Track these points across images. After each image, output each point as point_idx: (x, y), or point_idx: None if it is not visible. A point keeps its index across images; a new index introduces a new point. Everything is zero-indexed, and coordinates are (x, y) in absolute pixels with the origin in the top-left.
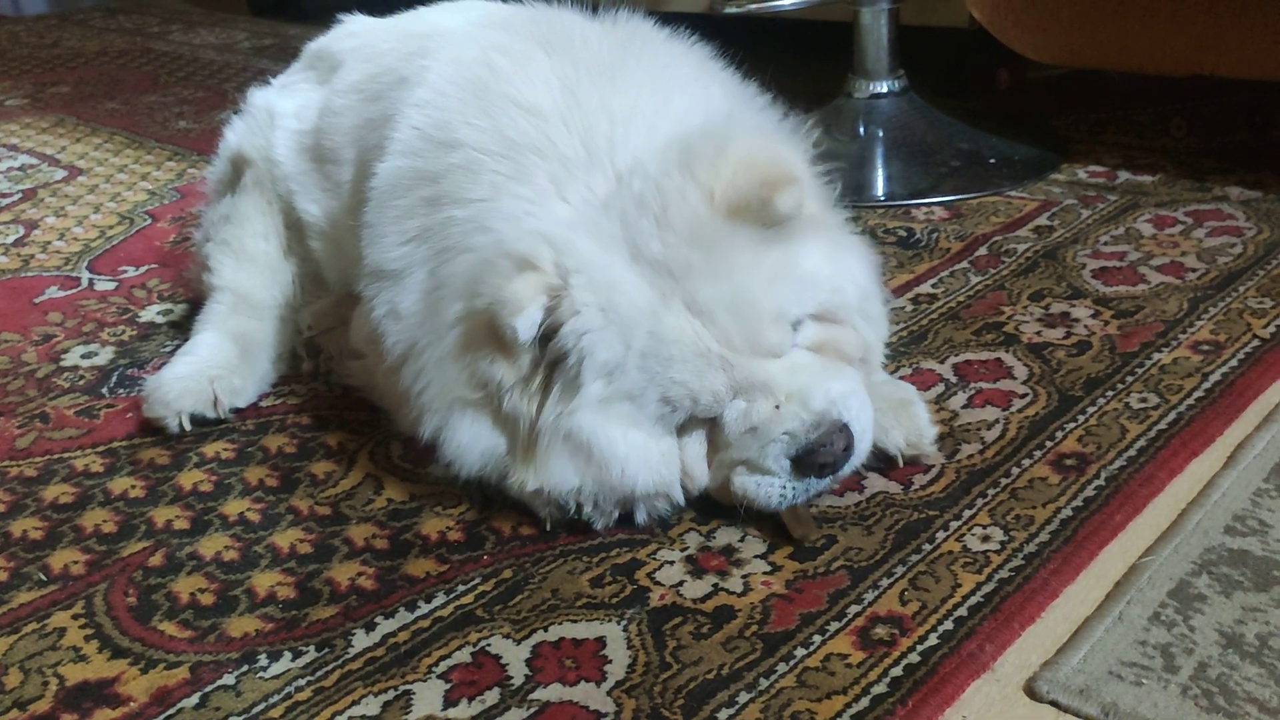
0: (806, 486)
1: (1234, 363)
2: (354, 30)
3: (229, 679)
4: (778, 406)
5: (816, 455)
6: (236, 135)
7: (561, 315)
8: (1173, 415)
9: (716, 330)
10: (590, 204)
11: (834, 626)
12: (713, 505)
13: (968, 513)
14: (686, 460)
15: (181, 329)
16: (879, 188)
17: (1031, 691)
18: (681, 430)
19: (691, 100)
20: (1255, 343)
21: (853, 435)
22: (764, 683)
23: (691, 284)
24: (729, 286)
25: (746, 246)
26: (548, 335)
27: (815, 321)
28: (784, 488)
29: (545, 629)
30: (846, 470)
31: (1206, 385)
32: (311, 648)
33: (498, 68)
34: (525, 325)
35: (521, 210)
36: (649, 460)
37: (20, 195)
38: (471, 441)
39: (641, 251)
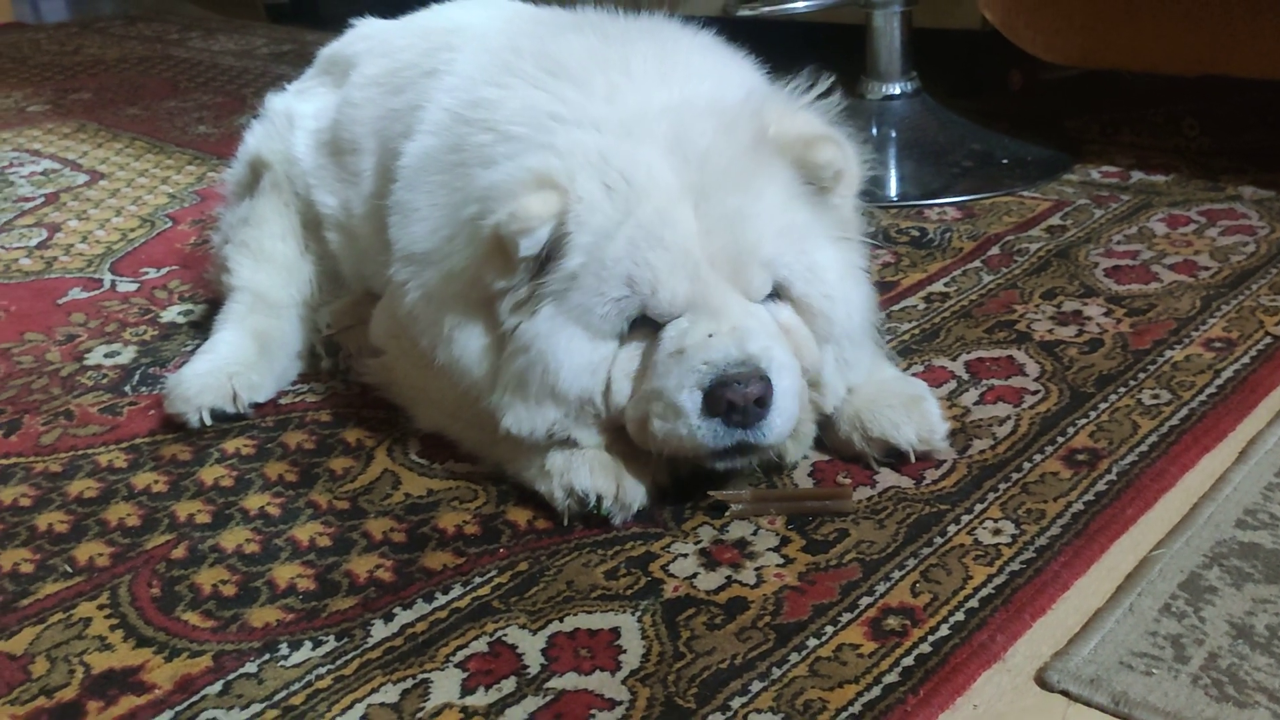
0: (714, 431)
1: (1246, 359)
2: (367, 33)
3: (251, 667)
4: (711, 335)
5: (728, 389)
6: (255, 139)
7: (566, 226)
8: (1185, 411)
9: (708, 244)
10: (643, 107)
11: (846, 617)
12: (714, 502)
13: (979, 507)
14: (614, 372)
15: (202, 329)
16: (892, 188)
17: (1043, 681)
18: (623, 340)
19: (736, 74)
20: (1267, 340)
21: (772, 392)
22: (776, 672)
23: (715, 187)
24: (746, 208)
25: (781, 191)
26: (549, 255)
27: (791, 307)
28: (694, 426)
29: (561, 619)
30: (759, 436)
31: (1219, 382)
32: (331, 637)
33: (523, 47)
34: (529, 244)
35: (553, 111)
36: (579, 365)
37: (43, 199)
38: (469, 341)
39: (683, 143)
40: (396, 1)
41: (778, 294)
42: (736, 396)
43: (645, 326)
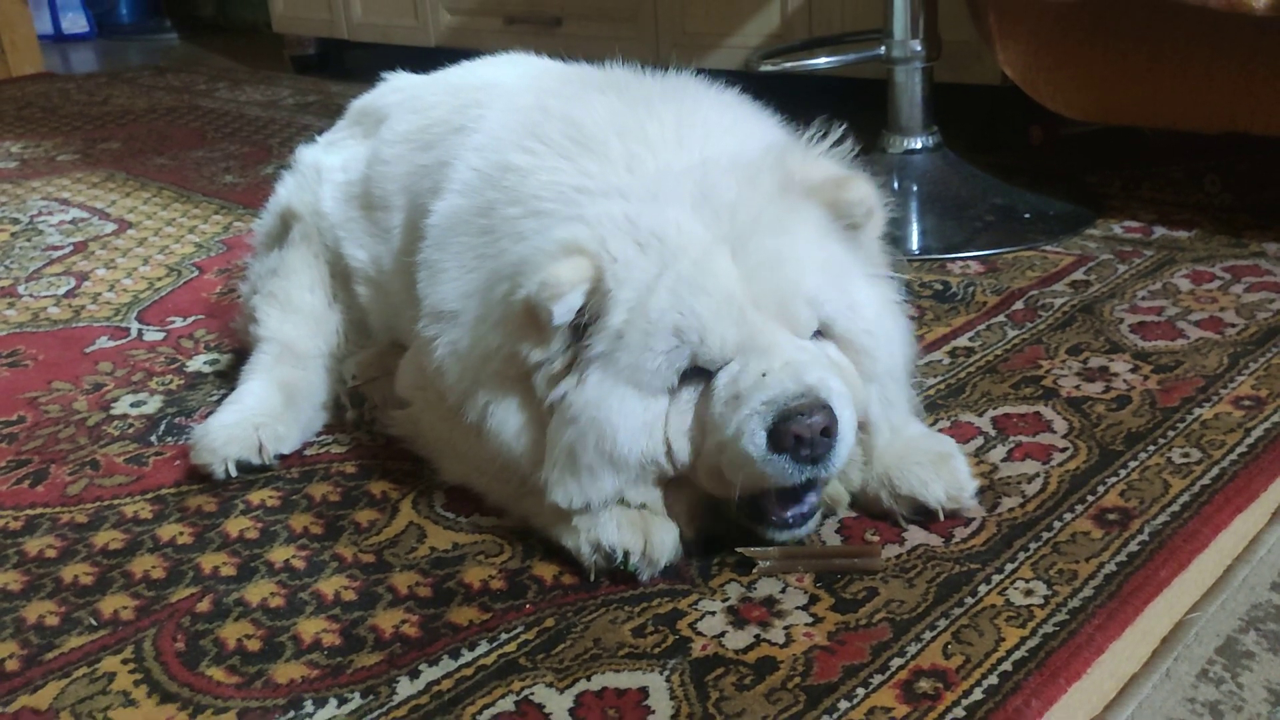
0: (783, 469)
1: (1277, 418)
2: (398, 86)
3: None
4: (765, 374)
5: (793, 423)
6: (286, 191)
7: (605, 284)
8: (1216, 470)
9: (751, 287)
10: (664, 172)
11: (877, 679)
12: (739, 548)
13: (1009, 566)
14: (670, 429)
15: (228, 378)
16: (914, 242)
17: None
18: (673, 393)
19: (754, 130)
20: None
21: (836, 422)
22: None
23: (750, 233)
24: (784, 248)
25: (815, 230)
26: (584, 324)
27: (835, 344)
28: (762, 465)
29: (588, 678)
30: (825, 470)
31: (1249, 440)
32: (356, 695)
33: (550, 108)
34: (562, 310)
35: (578, 185)
36: (634, 426)
37: (71, 248)
38: (507, 417)
39: (710, 199)
40: (419, 55)
41: (821, 333)
42: (802, 429)
43: (696, 376)
